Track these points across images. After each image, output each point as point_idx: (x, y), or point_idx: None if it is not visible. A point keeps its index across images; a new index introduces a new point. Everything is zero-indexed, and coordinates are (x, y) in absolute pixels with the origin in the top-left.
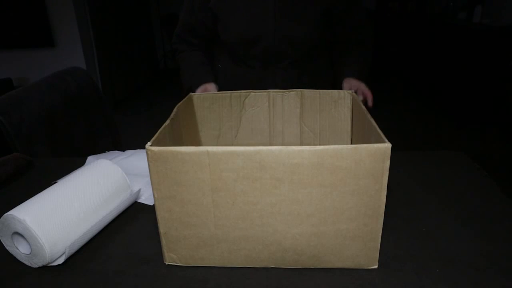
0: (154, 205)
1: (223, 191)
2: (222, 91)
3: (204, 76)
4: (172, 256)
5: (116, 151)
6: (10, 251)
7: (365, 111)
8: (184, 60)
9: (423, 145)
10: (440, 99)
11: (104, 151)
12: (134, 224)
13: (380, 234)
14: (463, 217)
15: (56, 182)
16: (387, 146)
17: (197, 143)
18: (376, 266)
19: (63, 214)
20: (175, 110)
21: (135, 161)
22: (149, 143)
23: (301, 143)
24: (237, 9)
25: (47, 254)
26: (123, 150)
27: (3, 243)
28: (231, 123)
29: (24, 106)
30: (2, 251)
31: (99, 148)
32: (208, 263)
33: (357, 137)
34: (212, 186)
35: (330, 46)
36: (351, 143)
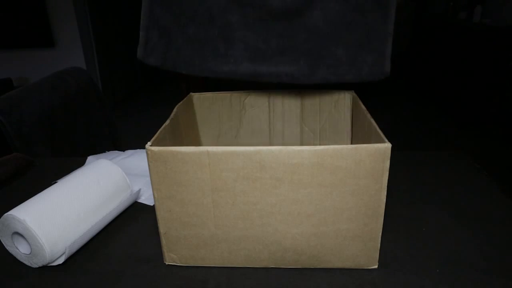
0: (154, 205)
1: (223, 191)
2: (222, 91)
3: None
4: (172, 256)
5: (116, 151)
6: (10, 251)
7: (365, 111)
8: None
9: (423, 145)
10: (440, 99)
11: (104, 151)
12: (134, 224)
13: (380, 234)
14: (463, 217)
15: (56, 182)
16: (387, 146)
17: (197, 143)
18: (376, 266)
19: (63, 214)
20: (175, 110)
21: (135, 161)
22: (149, 143)
23: (301, 143)
24: None
25: (47, 254)
26: (123, 150)
27: (3, 243)
28: (231, 123)
29: (24, 106)
30: (2, 251)
31: (99, 148)
32: (208, 263)
33: (357, 137)
34: (212, 186)
35: None
36: (351, 143)
